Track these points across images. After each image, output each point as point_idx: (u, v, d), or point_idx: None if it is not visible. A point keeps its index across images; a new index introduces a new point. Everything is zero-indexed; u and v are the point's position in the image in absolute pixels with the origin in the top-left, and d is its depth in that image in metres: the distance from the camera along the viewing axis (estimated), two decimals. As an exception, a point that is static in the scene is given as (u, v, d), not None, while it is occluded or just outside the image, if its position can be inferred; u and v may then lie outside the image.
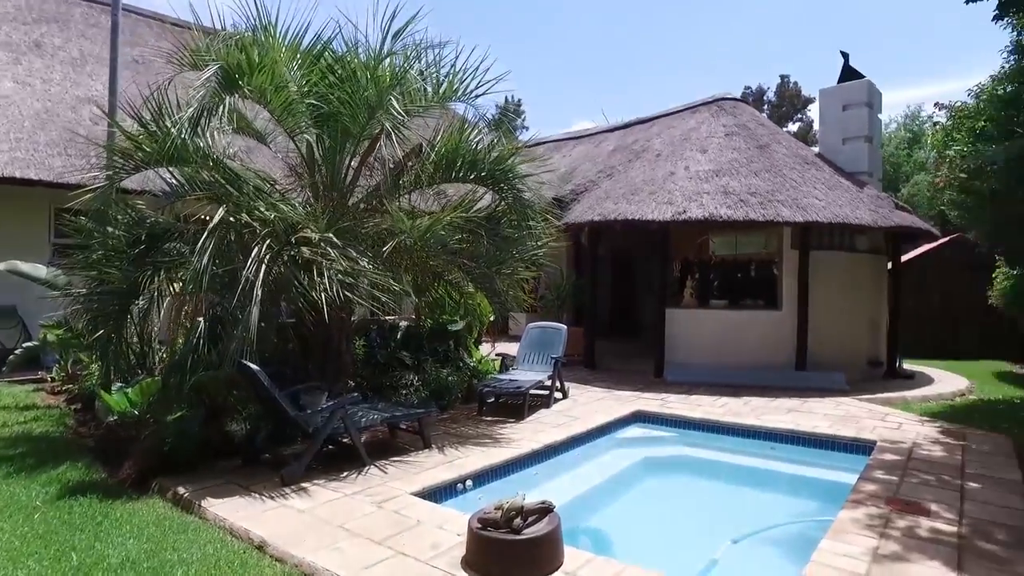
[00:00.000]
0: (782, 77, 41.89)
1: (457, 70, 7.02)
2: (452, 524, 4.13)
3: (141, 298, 6.15)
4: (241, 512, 4.31)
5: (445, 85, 7.20)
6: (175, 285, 6.23)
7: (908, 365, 12.23)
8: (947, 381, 10.73)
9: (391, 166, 7.53)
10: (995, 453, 6.17)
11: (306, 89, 6.61)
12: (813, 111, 37.78)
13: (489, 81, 7.05)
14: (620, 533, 5.18)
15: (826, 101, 12.03)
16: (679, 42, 61.22)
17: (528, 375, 8.26)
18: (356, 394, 6.11)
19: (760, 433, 7.13)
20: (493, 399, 8.12)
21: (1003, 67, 8.39)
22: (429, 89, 7.28)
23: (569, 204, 12.47)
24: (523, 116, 46.97)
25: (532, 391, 7.76)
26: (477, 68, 6.97)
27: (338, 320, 6.97)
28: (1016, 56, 8.17)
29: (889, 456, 5.96)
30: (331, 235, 5.61)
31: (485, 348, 10.54)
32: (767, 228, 10.23)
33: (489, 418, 7.54)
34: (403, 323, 9.76)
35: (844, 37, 48.85)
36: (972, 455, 6.06)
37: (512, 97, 47.69)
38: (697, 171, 10.94)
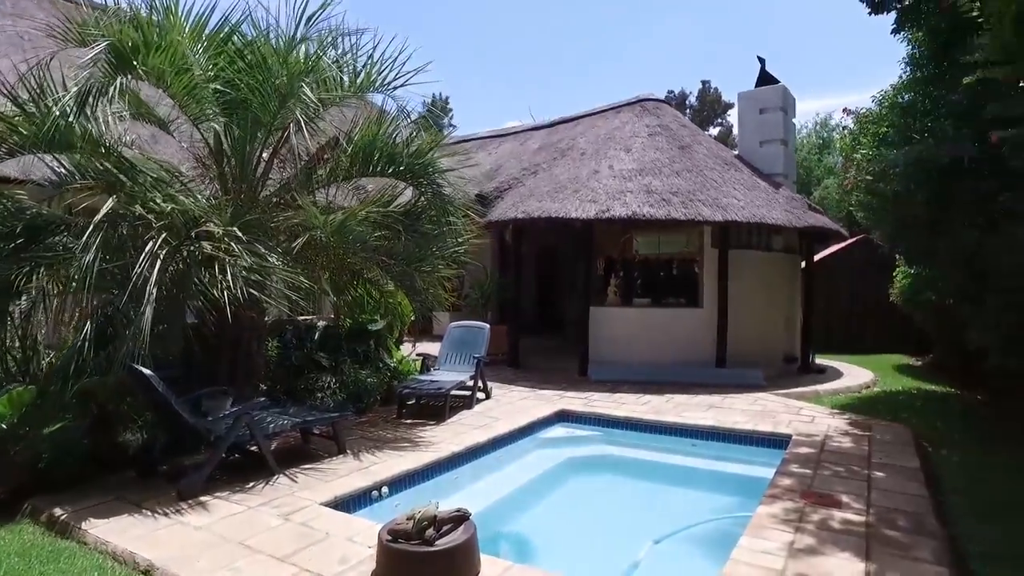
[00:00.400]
0: (703, 83, 43.38)
1: (375, 60, 6.75)
2: (364, 536, 3.89)
3: (24, 298, 5.58)
4: (129, 532, 3.92)
5: (363, 75, 6.91)
6: (59, 283, 5.66)
7: (820, 360, 12.78)
8: (854, 374, 11.27)
9: (305, 158, 7.21)
10: (896, 442, 6.46)
11: (212, 74, 6.17)
12: (733, 116, 39.32)
13: (408, 72, 6.80)
14: (543, 537, 5.07)
15: (744, 104, 12.44)
16: (607, 47, 62.43)
17: (450, 375, 8.06)
18: (264, 399, 5.75)
19: (682, 430, 7.20)
20: (414, 401, 7.88)
21: (901, 77, 8.87)
22: (346, 79, 6.97)
23: (493, 201, 12.36)
24: (451, 114, 46.61)
25: (454, 392, 7.57)
26: (395, 59, 6.72)
27: (248, 320, 6.56)
28: (911, 67, 8.65)
29: (803, 449, 6.13)
30: (235, 229, 5.22)
31: (407, 348, 10.27)
32: (689, 227, 10.43)
33: (409, 421, 7.31)
34: (321, 323, 9.36)
35: (762, 46, 51.19)
36: (877, 445, 6.31)
37: (440, 94, 47.20)
38: (621, 170, 11.04)
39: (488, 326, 8.73)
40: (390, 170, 7.21)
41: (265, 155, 6.93)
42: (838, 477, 5.32)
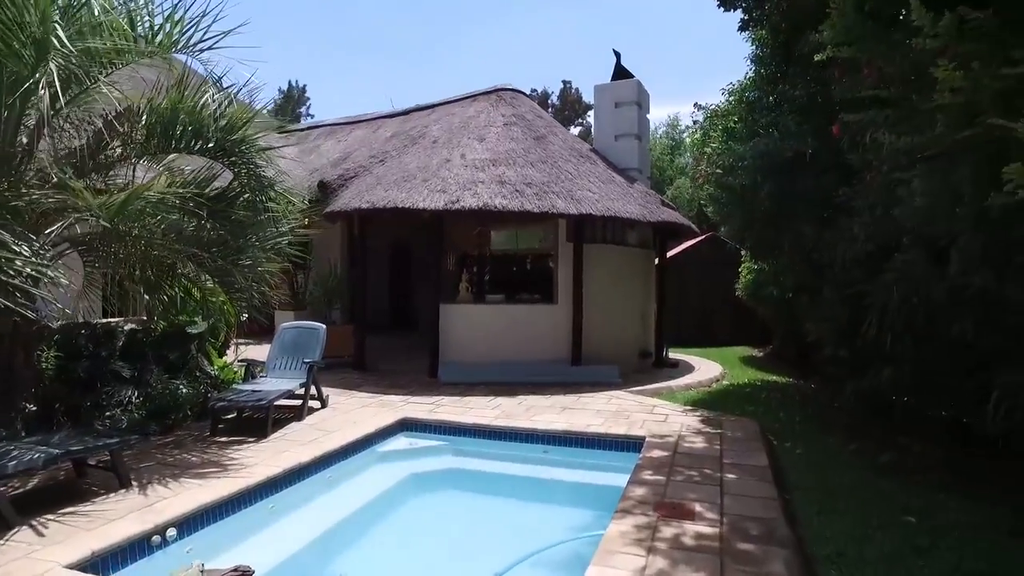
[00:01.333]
0: (565, 83, 44.26)
1: (181, 18, 5.61)
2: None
3: None
4: None
5: (162, 33, 5.73)
6: None
7: (673, 354, 12.99)
8: (705, 368, 11.50)
9: (89, 128, 5.94)
10: (746, 438, 6.36)
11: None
12: (593, 116, 40.35)
13: (217, 35, 5.71)
14: (376, 573, 4.31)
15: (600, 97, 12.31)
16: (472, 44, 62.14)
17: (276, 384, 7.03)
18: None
19: (534, 436, 6.69)
20: (233, 415, 6.78)
21: (747, 74, 9.04)
22: (141, 31, 5.75)
23: (338, 191, 11.30)
24: (308, 103, 44.25)
25: (281, 402, 6.59)
26: (201, 17, 5.61)
27: (6, 326, 5.22)
28: (756, 65, 8.83)
29: (657, 452, 5.81)
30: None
31: (235, 352, 9.03)
32: (544, 221, 10.04)
33: (225, 438, 6.23)
34: (129, 326, 7.91)
35: (625, 47, 53.30)
36: (728, 444, 6.16)
37: (297, 83, 44.70)
38: (474, 159, 10.45)
39: (323, 327, 7.75)
40: (197, 146, 6.13)
41: (30, 123, 5.59)
42: (691, 483, 5.01)
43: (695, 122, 9.49)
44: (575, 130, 42.37)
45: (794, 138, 6.14)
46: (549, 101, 43.77)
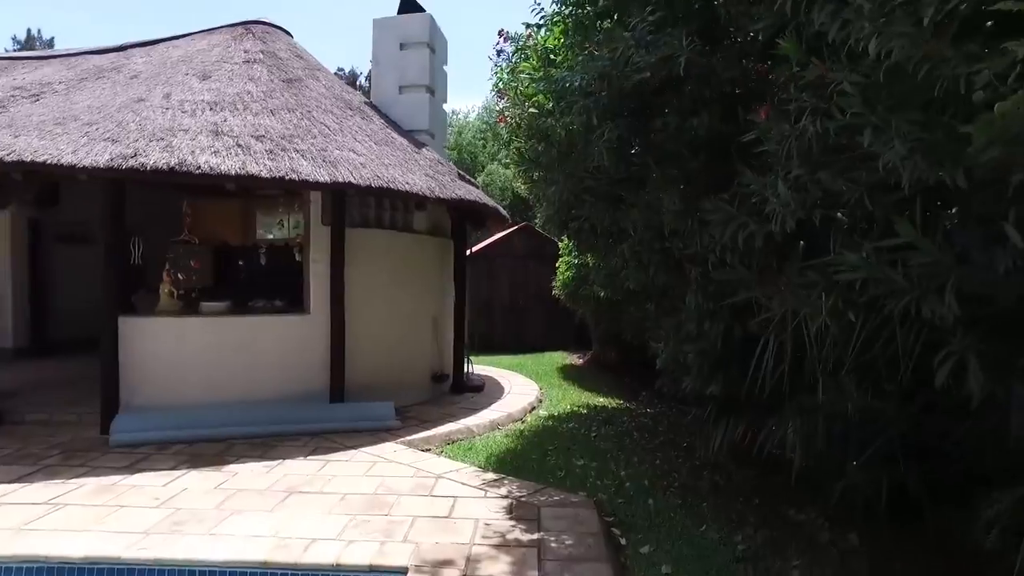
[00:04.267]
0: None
1: None
2: None
3: None
4: None
5: None
6: None
7: (480, 367, 10.42)
8: (517, 389, 9.03)
9: None
10: (580, 550, 3.77)
11: None
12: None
13: None
14: None
15: (381, 35, 9.14)
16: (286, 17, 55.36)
17: None
18: None
19: (195, 584, 3.53)
20: None
21: None
22: None
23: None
24: (52, 39, 36.07)
25: None
26: None
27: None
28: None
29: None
30: None
31: None
32: (287, 194, 6.82)
33: None
34: None
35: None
36: (553, 567, 3.51)
37: (40, 32, 36.07)
38: (183, 101, 6.89)
39: None
40: None
41: None
42: None
43: (500, 53, 6.70)
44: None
45: (656, 49, 3.65)
46: (358, 83, 39.43)
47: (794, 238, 3.40)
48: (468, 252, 13.96)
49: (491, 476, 5.11)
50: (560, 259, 11.84)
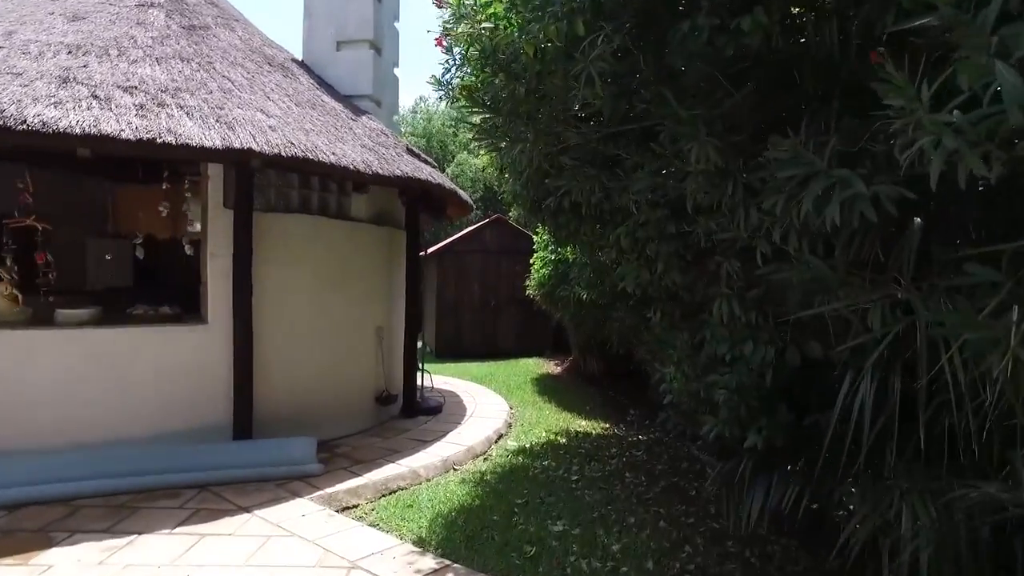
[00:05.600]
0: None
1: None
2: None
3: None
4: None
5: None
6: None
7: (443, 377, 8.89)
8: (482, 410, 7.52)
9: None
10: None
11: None
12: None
13: None
14: None
15: (314, -20, 7.54)
16: None
17: None
18: None
19: None
20: None
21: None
22: None
23: None
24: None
25: None
26: None
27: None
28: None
29: None
30: None
31: None
32: (171, 166, 5.20)
33: None
34: None
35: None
36: None
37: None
38: (28, 40, 5.25)
39: None
40: None
41: None
42: None
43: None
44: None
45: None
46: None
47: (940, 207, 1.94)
48: (430, 248, 12.38)
49: (430, 564, 3.55)
50: (535, 255, 10.31)
